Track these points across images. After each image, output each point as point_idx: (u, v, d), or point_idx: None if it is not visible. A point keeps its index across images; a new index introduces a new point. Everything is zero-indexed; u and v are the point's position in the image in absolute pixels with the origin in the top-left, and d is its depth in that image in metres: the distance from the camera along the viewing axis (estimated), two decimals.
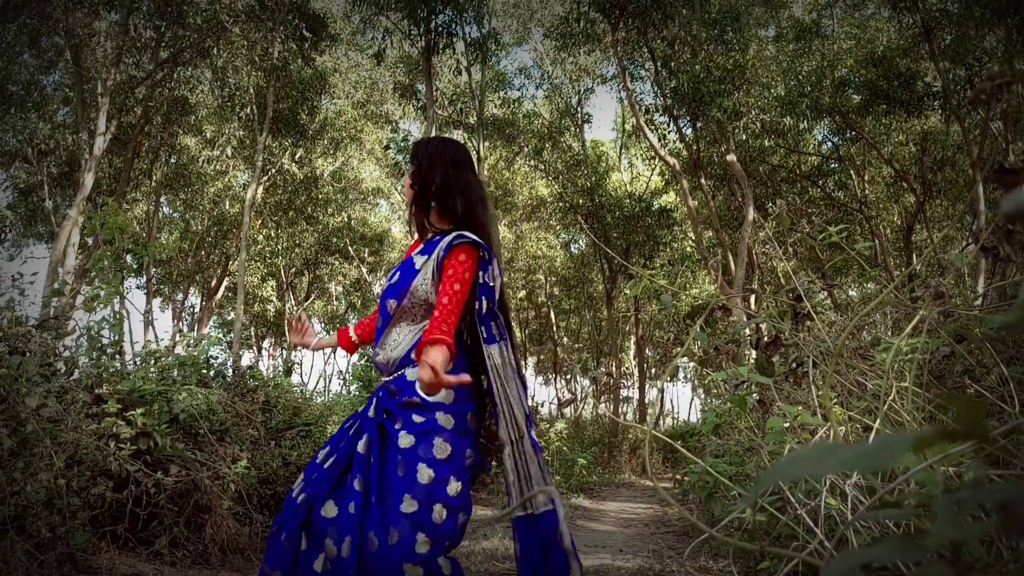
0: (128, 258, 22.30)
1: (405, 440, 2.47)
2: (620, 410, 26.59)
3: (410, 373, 2.62)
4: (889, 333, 3.60)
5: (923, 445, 0.49)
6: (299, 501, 2.44)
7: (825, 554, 1.68)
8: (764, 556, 2.48)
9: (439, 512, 2.37)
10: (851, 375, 2.49)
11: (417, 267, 2.70)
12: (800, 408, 2.31)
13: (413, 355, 2.63)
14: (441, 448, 2.48)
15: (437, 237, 2.73)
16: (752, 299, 15.52)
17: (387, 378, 2.65)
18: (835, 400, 2.60)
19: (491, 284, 2.64)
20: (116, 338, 5.22)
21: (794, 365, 2.67)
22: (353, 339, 3.17)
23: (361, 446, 2.49)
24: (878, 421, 1.84)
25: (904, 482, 1.52)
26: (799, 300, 2.38)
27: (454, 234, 2.66)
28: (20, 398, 4.02)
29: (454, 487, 2.45)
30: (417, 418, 2.52)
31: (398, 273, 2.76)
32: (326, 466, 2.52)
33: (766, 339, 2.50)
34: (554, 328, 33.06)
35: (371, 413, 2.57)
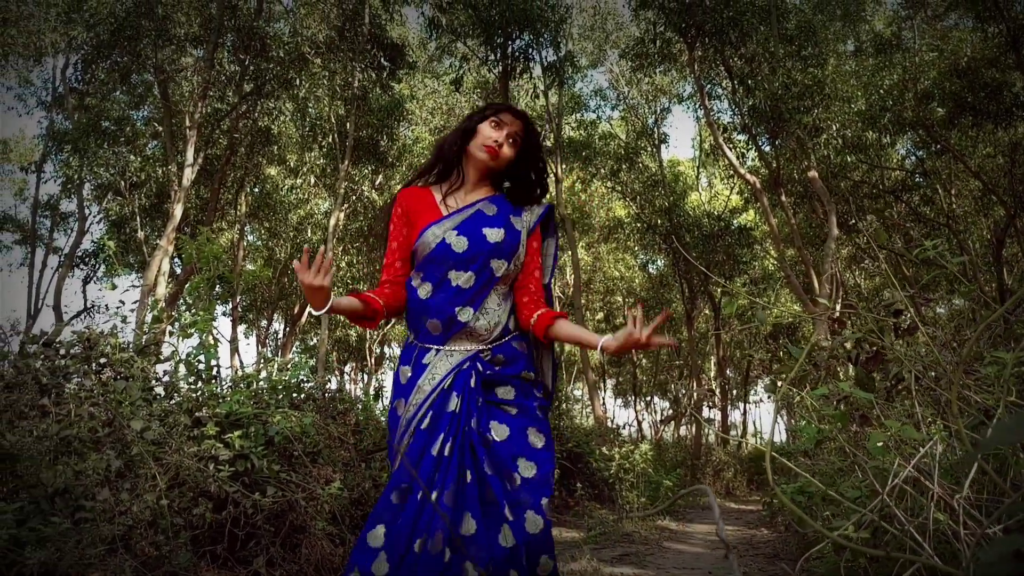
0: (216, 287, 22.86)
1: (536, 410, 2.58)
2: (703, 431, 26.31)
3: (517, 344, 2.60)
4: (990, 349, 3.52)
5: None
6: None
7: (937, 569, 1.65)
8: (869, 573, 2.44)
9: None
10: (953, 390, 2.45)
11: (517, 228, 2.66)
12: (903, 423, 2.28)
13: (511, 322, 2.63)
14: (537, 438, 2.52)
15: (513, 199, 2.76)
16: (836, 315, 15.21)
17: (482, 346, 2.55)
18: (935, 414, 2.56)
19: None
20: (212, 363, 5.38)
21: (894, 381, 2.64)
22: (381, 306, 2.63)
23: (473, 423, 2.43)
24: (989, 434, 1.81)
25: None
26: (898, 315, 2.36)
27: (549, 206, 2.72)
28: (126, 421, 4.17)
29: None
30: (538, 393, 2.60)
31: (498, 230, 2.61)
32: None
33: (865, 355, 2.47)
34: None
35: (472, 384, 2.47)
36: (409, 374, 2.54)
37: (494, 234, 2.58)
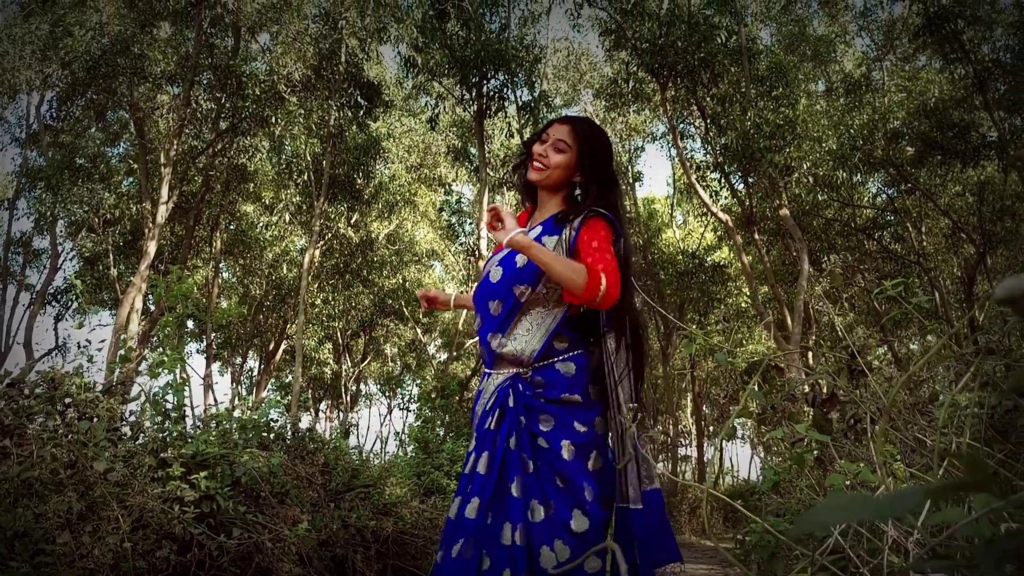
0: (189, 323, 22.68)
1: (568, 452, 2.41)
2: (679, 469, 26.29)
3: (561, 366, 2.50)
4: (951, 388, 3.56)
5: (935, 495, 0.52)
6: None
7: None
8: None
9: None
10: (911, 431, 2.47)
11: (550, 247, 2.52)
12: (861, 465, 2.30)
13: (556, 343, 2.51)
14: (596, 462, 2.46)
15: (558, 217, 2.61)
16: (809, 355, 15.32)
17: (521, 370, 2.50)
18: (896, 457, 2.58)
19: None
20: (179, 402, 5.33)
21: (852, 422, 2.66)
22: None
23: (512, 443, 2.41)
24: (939, 477, 1.83)
25: (951, 537, 1.51)
26: (854, 357, 2.38)
27: (588, 210, 2.54)
28: (89, 462, 4.12)
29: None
30: (579, 426, 2.44)
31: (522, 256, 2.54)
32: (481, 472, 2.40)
33: (823, 396, 2.49)
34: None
35: (510, 403, 2.45)
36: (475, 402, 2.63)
37: (521, 259, 2.54)
